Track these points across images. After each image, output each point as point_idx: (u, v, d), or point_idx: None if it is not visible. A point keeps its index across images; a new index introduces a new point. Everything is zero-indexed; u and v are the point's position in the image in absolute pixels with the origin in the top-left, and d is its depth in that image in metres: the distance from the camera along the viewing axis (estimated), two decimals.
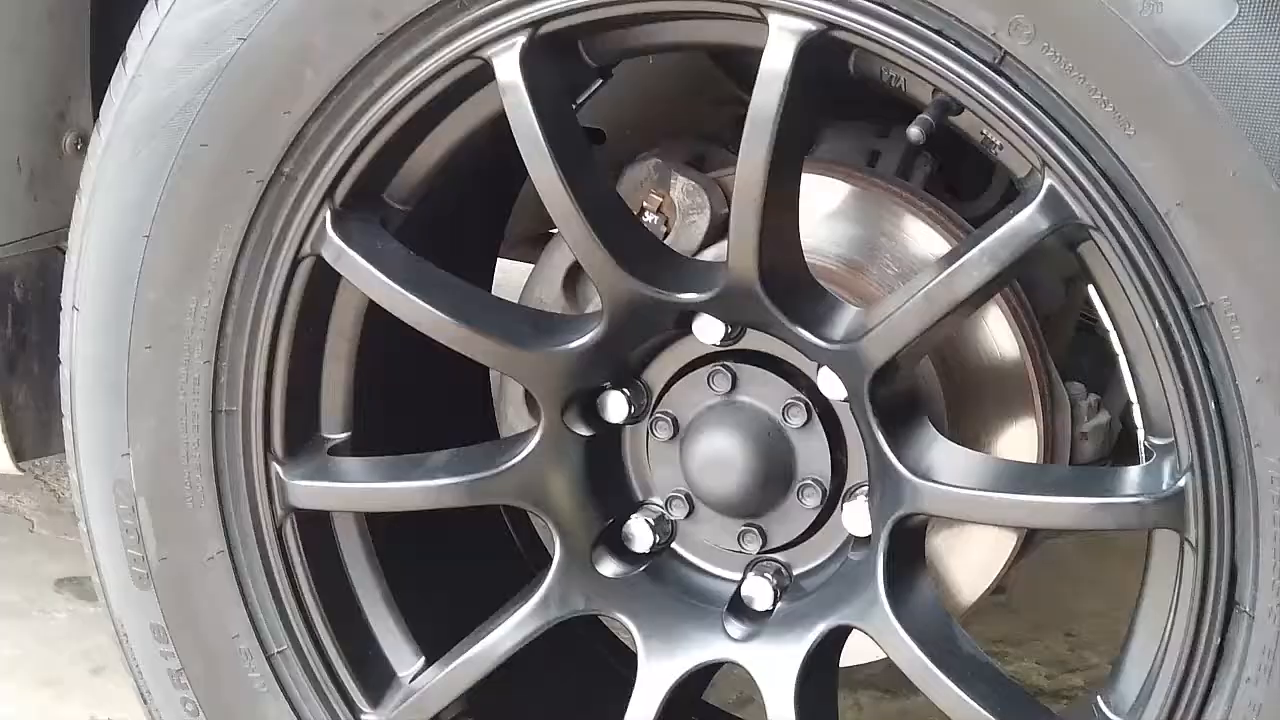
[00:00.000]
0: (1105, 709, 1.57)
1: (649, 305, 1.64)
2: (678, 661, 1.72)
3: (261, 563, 1.80)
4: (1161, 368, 1.44)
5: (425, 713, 1.78)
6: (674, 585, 1.76)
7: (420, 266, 1.71)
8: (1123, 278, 1.44)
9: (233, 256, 1.71)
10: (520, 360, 1.69)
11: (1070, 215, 1.44)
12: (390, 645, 1.84)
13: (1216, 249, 1.38)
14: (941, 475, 1.58)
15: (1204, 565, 1.45)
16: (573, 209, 1.59)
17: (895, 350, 1.55)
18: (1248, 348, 1.38)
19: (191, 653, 1.83)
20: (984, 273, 1.48)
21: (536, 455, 1.72)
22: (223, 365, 1.75)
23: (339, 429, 1.81)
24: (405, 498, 1.77)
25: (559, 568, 1.75)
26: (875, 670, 2.81)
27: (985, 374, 1.75)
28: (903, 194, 1.79)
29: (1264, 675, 1.43)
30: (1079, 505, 1.51)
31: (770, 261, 1.57)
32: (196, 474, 1.78)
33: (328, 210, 1.69)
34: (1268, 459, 1.39)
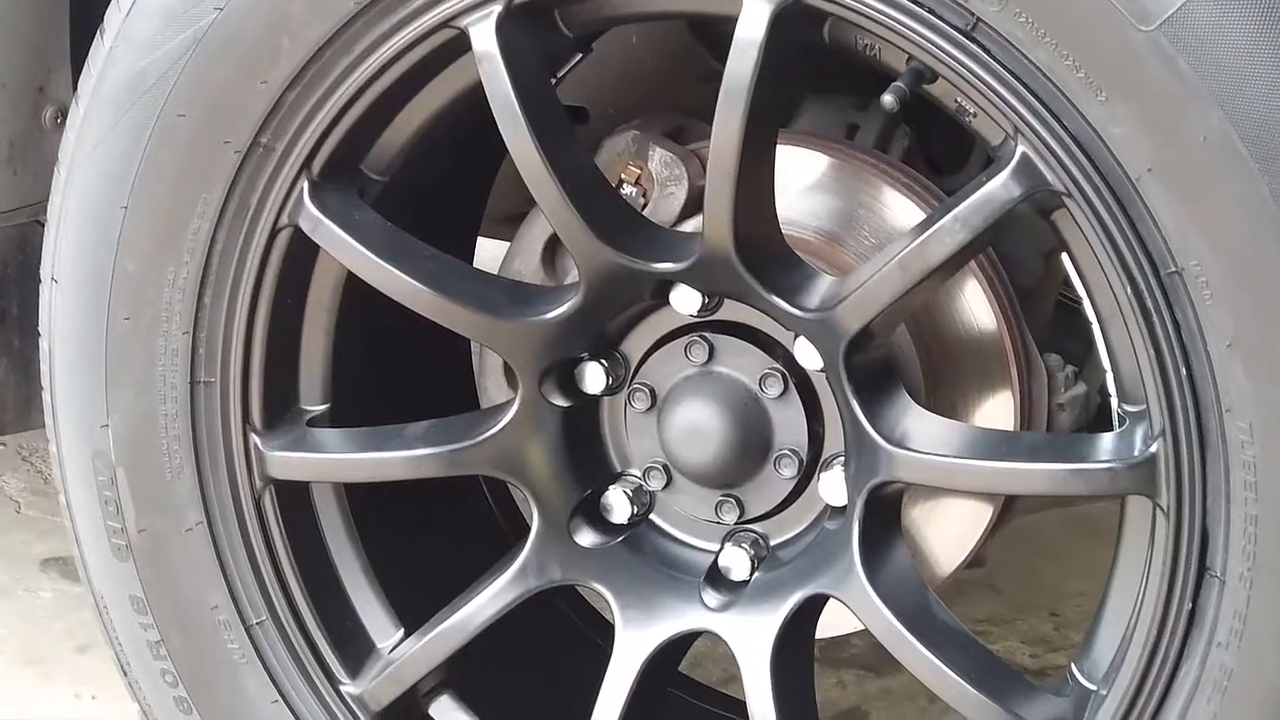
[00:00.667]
0: (1080, 677, 1.57)
1: (625, 275, 1.65)
2: (654, 631, 1.72)
3: (240, 534, 1.80)
4: (1133, 334, 1.45)
5: (403, 683, 1.79)
6: (651, 555, 1.77)
7: (397, 237, 1.71)
8: (1095, 244, 1.44)
9: (210, 227, 1.71)
10: (497, 330, 1.70)
11: (1042, 182, 1.45)
12: (369, 617, 1.85)
13: (1187, 214, 1.38)
14: (916, 443, 1.58)
15: (1175, 530, 1.46)
16: (549, 179, 1.60)
17: (870, 317, 1.55)
18: (1218, 312, 1.38)
19: (170, 624, 1.84)
20: (957, 239, 1.48)
21: (514, 426, 1.73)
22: (201, 336, 1.76)
23: (318, 400, 1.82)
24: (383, 468, 1.77)
25: (536, 538, 1.75)
26: (859, 649, 2.84)
27: (962, 345, 1.75)
28: (880, 166, 1.79)
29: (1235, 639, 1.44)
30: (1051, 471, 1.51)
31: (745, 230, 1.57)
32: (175, 445, 1.79)
33: (305, 181, 1.69)
34: (1238, 424, 1.40)
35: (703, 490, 1.74)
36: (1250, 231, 1.35)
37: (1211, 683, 1.46)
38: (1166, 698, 1.49)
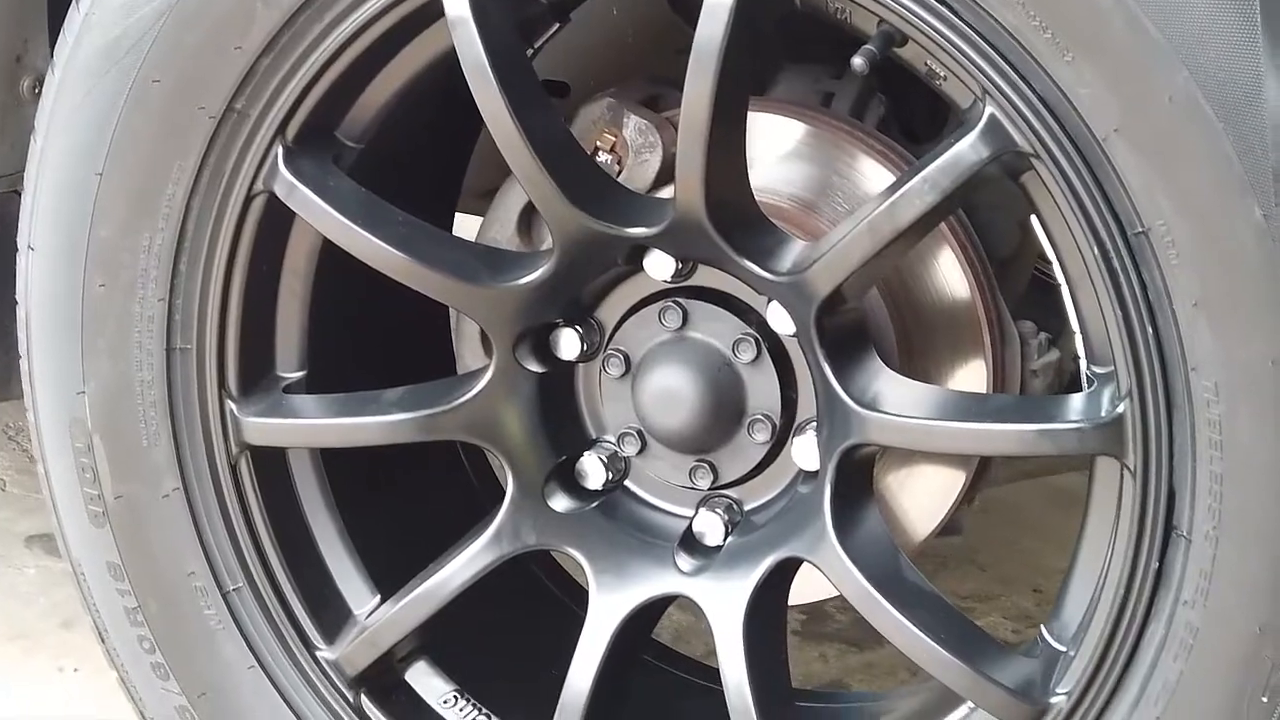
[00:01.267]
0: (1050, 638, 1.58)
1: (598, 240, 1.65)
2: (628, 595, 1.73)
3: (217, 500, 1.81)
4: (1101, 295, 1.45)
5: (378, 647, 1.80)
6: (626, 521, 1.78)
7: (372, 203, 1.72)
8: (1062, 205, 1.45)
9: (185, 193, 1.72)
10: (471, 296, 1.70)
11: (1010, 143, 1.45)
12: (346, 583, 1.86)
13: (1153, 174, 1.39)
14: (887, 405, 1.59)
15: (1142, 490, 1.46)
16: (522, 144, 1.60)
17: (840, 280, 1.56)
18: (1184, 272, 1.39)
19: (147, 590, 1.84)
20: (926, 201, 1.49)
21: (489, 391, 1.73)
22: (177, 303, 1.76)
23: (294, 367, 1.82)
24: (358, 433, 1.78)
25: (511, 503, 1.76)
26: (842, 624, 2.85)
27: (936, 312, 1.76)
28: (855, 133, 1.80)
29: (1200, 597, 1.44)
30: (1020, 431, 1.52)
31: (717, 195, 1.58)
32: (151, 411, 1.79)
33: (280, 146, 1.70)
34: (1204, 383, 1.40)
35: (677, 456, 1.75)
36: (1215, 191, 1.36)
37: (1178, 641, 1.46)
38: (1134, 657, 1.50)
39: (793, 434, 1.71)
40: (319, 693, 1.83)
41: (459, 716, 1.85)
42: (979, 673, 1.56)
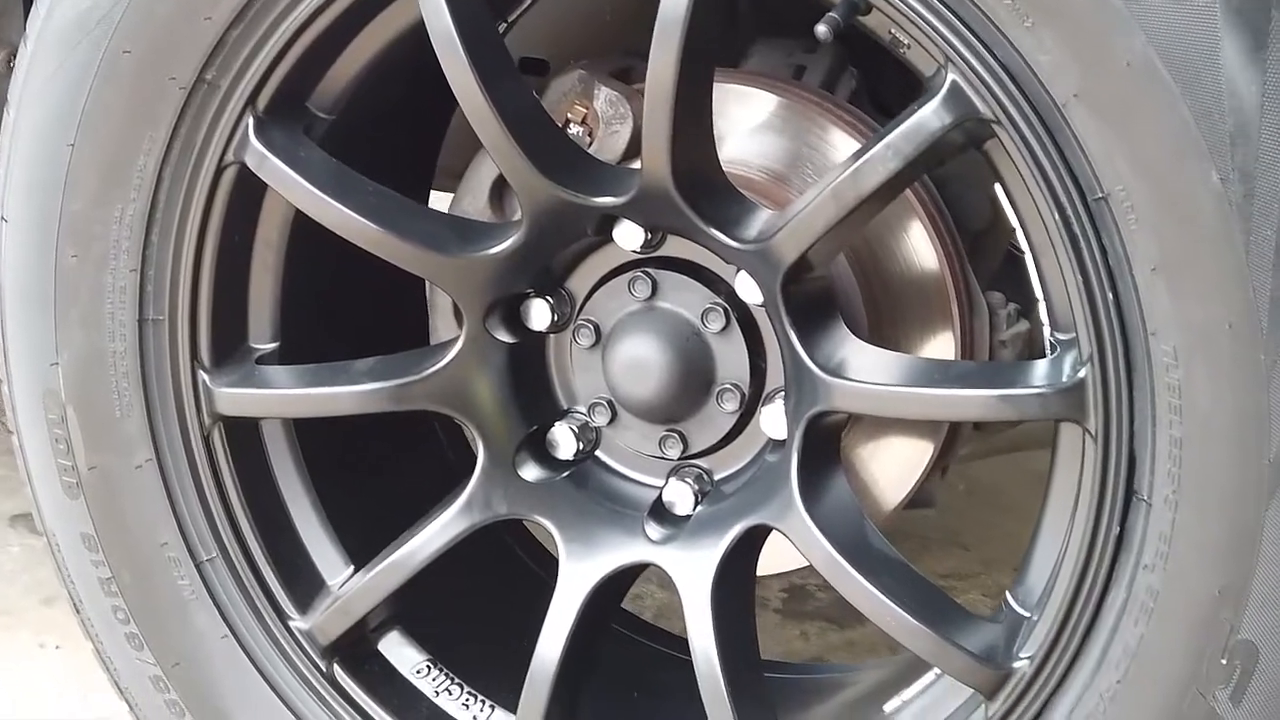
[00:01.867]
0: (1014, 604, 1.59)
1: (567, 209, 1.66)
2: (598, 563, 1.74)
3: (190, 471, 1.82)
4: (1062, 261, 1.46)
5: (351, 616, 1.81)
6: (596, 491, 1.78)
7: (342, 173, 1.72)
8: (1024, 172, 1.46)
9: (157, 164, 1.73)
10: (441, 266, 1.71)
11: (972, 110, 1.46)
12: (319, 554, 1.87)
13: (1112, 139, 1.39)
14: (852, 372, 1.60)
15: (1103, 454, 1.47)
16: (490, 114, 1.61)
17: (805, 247, 1.56)
18: (1143, 237, 1.40)
19: (121, 561, 1.85)
20: (888, 168, 1.50)
21: (459, 361, 1.74)
22: (149, 274, 1.77)
23: (267, 339, 1.83)
24: (330, 403, 1.78)
25: (482, 473, 1.77)
26: (823, 602, 2.86)
27: (905, 283, 1.77)
28: (825, 105, 1.80)
29: (1160, 561, 1.45)
30: (982, 397, 1.53)
31: (683, 163, 1.59)
32: (124, 382, 1.80)
33: (250, 117, 1.70)
34: (1163, 347, 1.41)
35: (646, 426, 1.76)
36: (1173, 155, 1.36)
37: (1139, 605, 1.47)
38: (1095, 621, 1.51)
39: (761, 403, 1.72)
40: (292, 662, 1.84)
41: (431, 686, 1.86)
42: (943, 638, 1.57)
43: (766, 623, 2.83)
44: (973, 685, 1.58)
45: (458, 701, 1.86)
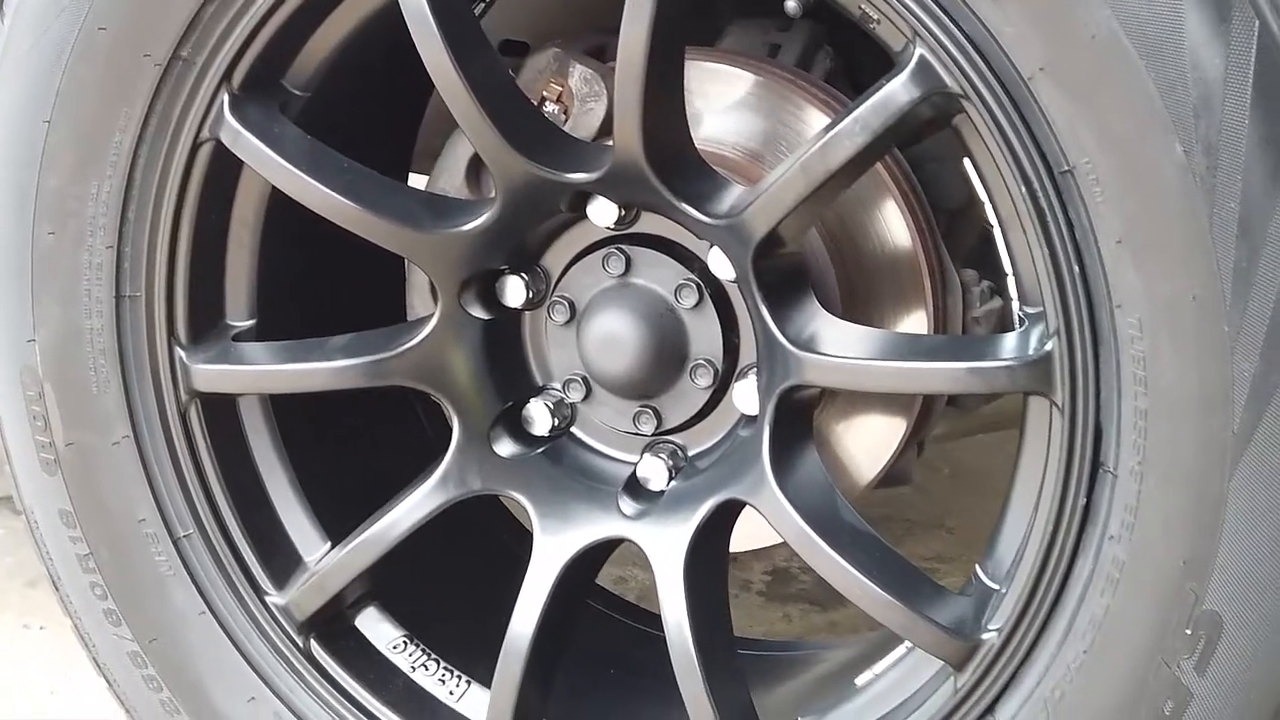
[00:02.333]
0: (984, 577, 1.60)
1: (541, 185, 1.66)
2: (571, 538, 1.74)
3: (167, 447, 1.83)
4: (1029, 235, 1.47)
5: (326, 591, 1.81)
6: (571, 466, 1.79)
7: (317, 150, 1.73)
8: (992, 146, 1.46)
9: (133, 141, 1.73)
10: (415, 242, 1.71)
11: (940, 84, 1.47)
12: (297, 530, 1.87)
13: (1078, 113, 1.40)
14: (823, 346, 1.61)
15: (1070, 427, 1.48)
16: (463, 88, 1.61)
17: (776, 221, 1.57)
18: (1108, 210, 1.41)
19: (99, 537, 1.86)
20: (857, 142, 1.50)
21: (434, 337, 1.75)
22: (125, 250, 1.78)
23: (244, 316, 1.84)
24: (305, 379, 1.79)
25: (457, 449, 1.77)
26: (806, 585, 2.86)
27: (878, 262, 1.78)
28: (800, 83, 1.81)
29: (1126, 532, 1.46)
30: (951, 370, 1.54)
31: (655, 138, 1.59)
32: (101, 359, 1.81)
33: (225, 94, 1.71)
34: (1128, 319, 1.42)
35: (621, 402, 1.77)
36: (1137, 128, 1.37)
37: (1105, 576, 1.48)
38: (1062, 592, 1.52)
39: (735, 379, 1.73)
40: (269, 638, 1.84)
41: (408, 661, 1.87)
42: (912, 610, 1.57)
43: (750, 604, 2.84)
44: (942, 657, 1.59)
45: (434, 677, 1.87)
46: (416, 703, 1.85)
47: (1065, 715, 1.52)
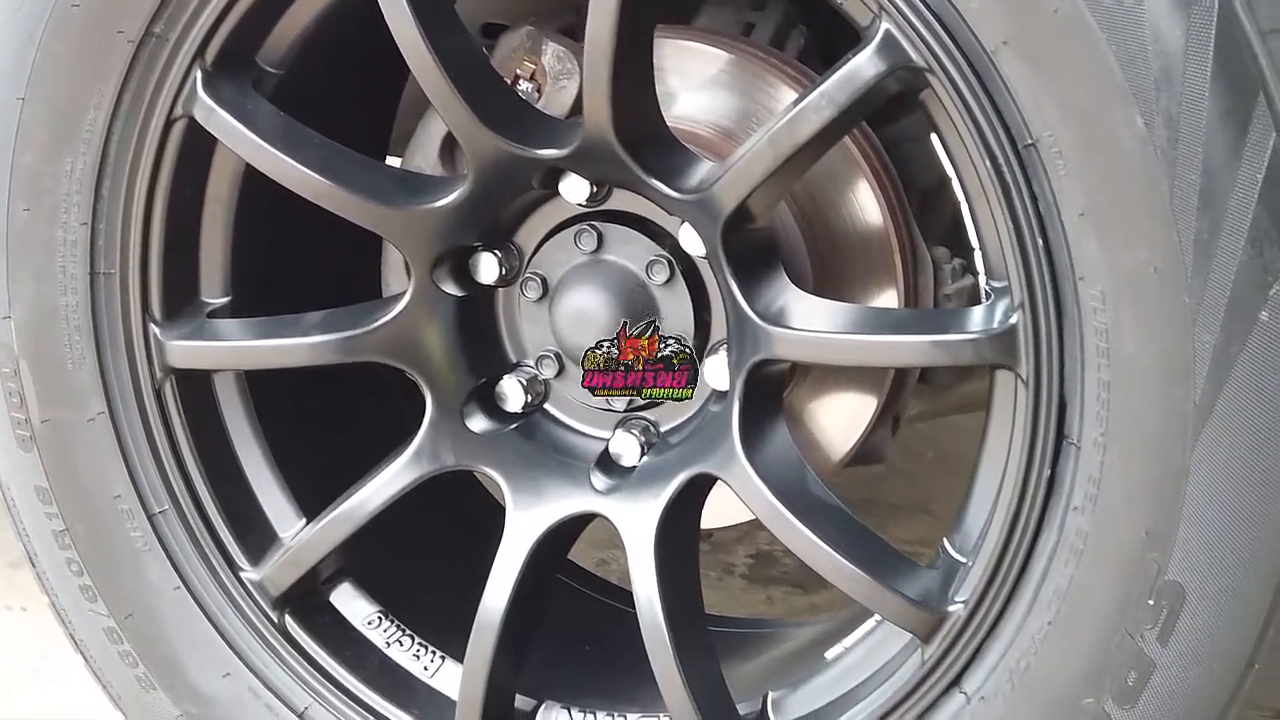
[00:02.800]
0: (951, 550, 1.61)
1: (512, 162, 1.67)
2: (544, 513, 1.75)
3: (142, 423, 1.83)
4: (994, 208, 1.47)
5: (300, 566, 1.82)
6: (544, 442, 1.80)
7: (290, 126, 1.74)
8: (957, 120, 1.47)
9: (106, 118, 1.74)
10: (387, 218, 1.72)
11: (905, 58, 1.47)
12: (272, 506, 1.88)
13: (1041, 86, 1.41)
14: (792, 320, 1.61)
15: (1035, 399, 1.49)
16: (433, 64, 1.62)
17: (744, 195, 1.58)
18: (1071, 183, 1.41)
19: (75, 514, 1.87)
20: (823, 116, 1.51)
21: (407, 314, 1.76)
22: (100, 227, 1.78)
23: (219, 293, 1.85)
24: (279, 355, 1.80)
25: (430, 425, 1.78)
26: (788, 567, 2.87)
27: (851, 238, 1.79)
28: (773, 61, 1.82)
29: (1090, 503, 1.47)
30: (917, 343, 1.54)
31: (624, 114, 1.60)
32: (76, 335, 1.81)
33: (199, 71, 1.72)
34: (1091, 291, 1.43)
35: None
36: (1099, 101, 1.38)
37: (1069, 547, 1.49)
38: (1028, 564, 1.52)
39: (706, 354, 1.74)
40: (244, 613, 1.85)
41: (383, 637, 1.88)
42: (879, 582, 1.58)
43: (733, 587, 2.86)
44: (909, 629, 1.60)
45: (408, 653, 1.87)
46: (391, 678, 1.86)
47: (1030, 685, 1.53)
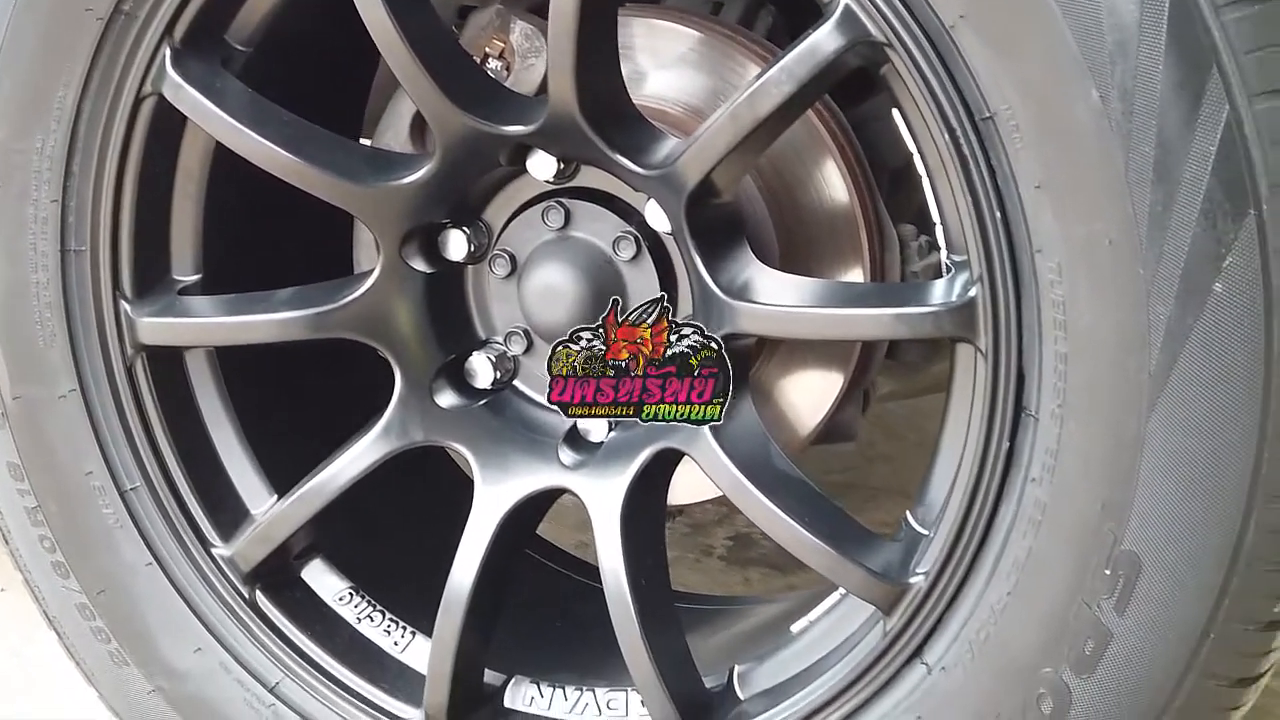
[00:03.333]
0: (914, 522, 1.62)
1: (478, 138, 1.68)
2: (511, 488, 1.76)
3: (113, 400, 1.84)
4: (954, 182, 1.48)
5: (271, 541, 1.83)
6: (513, 418, 1.81)
7: (258, 103, 1.74)
8: (916, 95, 1.48)
9: (76, 96, 1.75)
10: (355, 195, 1.73)
11: (864, 32, 1.48)
12: (243, 483, 1.89)
13: (997, 60, 1.42)
14: (755, 295, 1.62)
15: (994, 372, 1.50)
16: (399, 40, 1.63)
17: (707, 169, 1.58)
18: (1028, 156, 1.42)
19: (47, 490, 1.87)
20: (783, 91, 1.52)
21: (376, 290, 1.77)
22: (70, 205, 1.79)
23: (190, 270, 1.86)
24: (249, 331, 1.81)
25: (399, 400, 1.79)
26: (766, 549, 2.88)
27: (817, 216, 1.80)
28: (741, 40, 1.83)
29: (1047, 474, 1.48)
30: (878, 316, 1.55)
31: (589, 90, 1.61)
32: (47, 313, 1.82)
33: (167, 48, 1.73)
34: (1048, 264, 1.44)
35: None
36: (1054, 73, 1.39)
37: (1027, 518, 1.50)
38: (987, 536, 1.53)
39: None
40: (215, 589, 1.86)
41: (354, 613, 1.89)
42: (842, 554, 1.59)
43: (711, 569, 2.87)
44: (871, 600, 1.61)
45: (379, 628, 1.89)
46: (362, 653, 1.87)
47: (990, 655, 1.54)
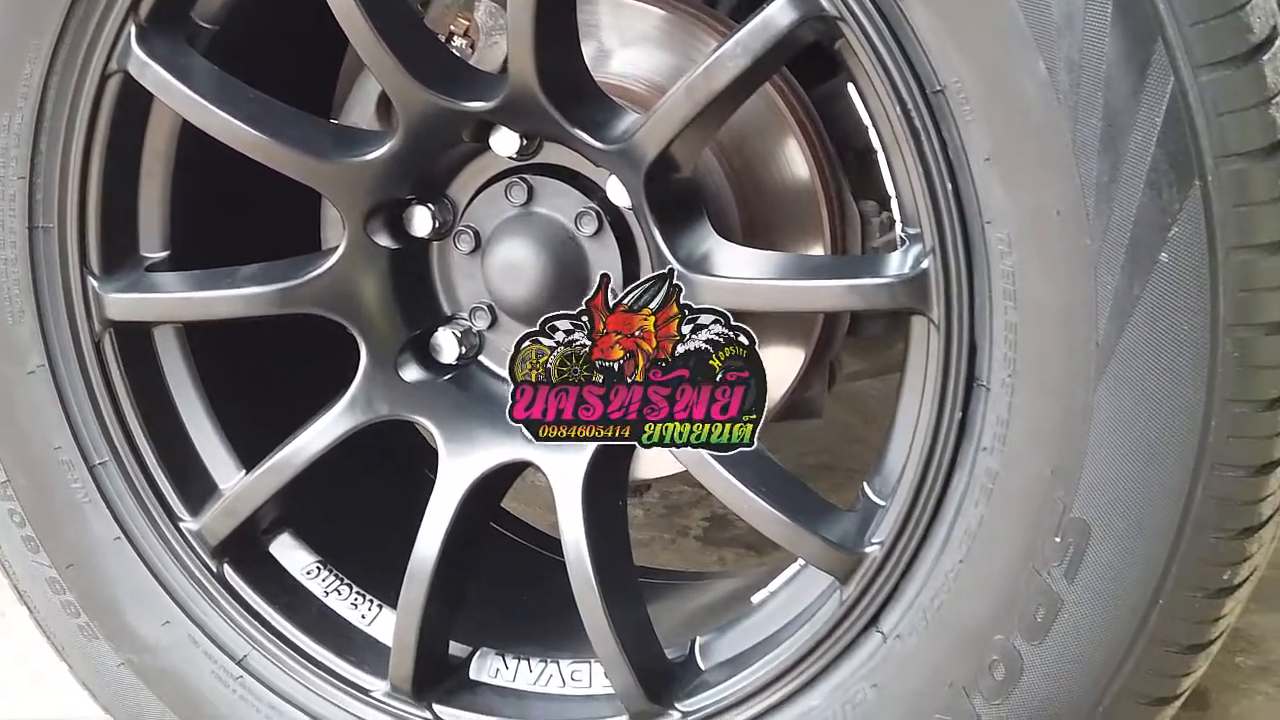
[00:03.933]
0: (870, 493, 1.64)
1: (440, 114, 1.69)
2: (475, 460, 1.78)
3: (81, 376, 1.86)
4: (906, 156, 1.50)
5: (237, 515, 1.85)
6: (477, 393, 1.82)
7: (223, 80, 1.76)
8: (869, 69, 1.49)
9: (43, 73, 1.76)
10: (319, 171, 1.74)
11: (817, 7, 1.50)
12: (212, 458, 1.91)
13: (946, 32, 1.43)
14: (714, 268, 1.64)
15: (946, 342, 1.52)
16: (359, 16, 1.64)
17: (664, 143, 1.60)
18: (977, 128, 1.44)
19: (16, 465, 1.89)
20: (739, 64, 1.53)
21: (341, 266, 1.78)
22: (38, 182, 1.81)
23: (158, 247, 1.87)
24: (215, 307, 1.82)
25: (364, 375, 1.81)
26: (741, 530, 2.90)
27: (778, 192, 1.81)
28: (705, 18, 1.84)
29: (998, 444, 1.50)
30: (833, 287, 1.57)
31: (548, 65, 1.62)
32: (15, 289, 1.84)
33: (133, 25, 1.74)
34: (998, 235, 1.45)
35: (525, 329, 1.79)
36: (1002, 46, 1.40)
37: (979, 487, 1.52)
38: (940, 505, 1.55)
39: None
40: (183, 563, 1.88)
41: (321, 587, 1.91)
42: (799, 524, 1.61)
43: (687, 549, 2.88)
44: (827, 570, 1.63)
45: (346, 601, 1.90)
46: (329, 626, 1.89)
47: (944, 622, 1.56)
